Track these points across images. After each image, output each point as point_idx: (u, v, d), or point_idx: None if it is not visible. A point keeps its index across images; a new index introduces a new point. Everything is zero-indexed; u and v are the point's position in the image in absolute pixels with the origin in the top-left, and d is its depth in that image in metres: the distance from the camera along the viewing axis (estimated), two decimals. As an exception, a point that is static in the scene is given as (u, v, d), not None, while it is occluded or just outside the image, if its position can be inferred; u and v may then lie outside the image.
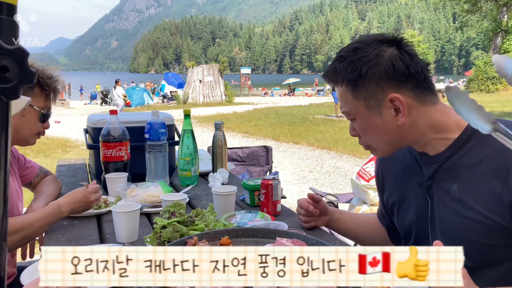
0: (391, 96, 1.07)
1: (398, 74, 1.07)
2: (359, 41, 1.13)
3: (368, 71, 1.07)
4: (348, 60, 1.10)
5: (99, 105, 23.03)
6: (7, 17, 0.41)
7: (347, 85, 1.11)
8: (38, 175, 1.87)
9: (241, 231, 1.09)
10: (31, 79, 0.42)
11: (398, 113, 1.09)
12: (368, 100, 1.10)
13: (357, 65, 1.08)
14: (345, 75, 1.10)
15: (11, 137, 0.43)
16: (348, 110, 1.15)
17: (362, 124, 1.15)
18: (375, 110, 1.10)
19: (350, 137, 6.49)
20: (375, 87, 1.08)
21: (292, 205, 4.97)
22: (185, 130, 2.03)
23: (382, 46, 1.09)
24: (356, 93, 1.10)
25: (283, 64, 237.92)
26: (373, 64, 1.07)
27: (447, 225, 1.13)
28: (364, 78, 1.08)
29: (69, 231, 1.48)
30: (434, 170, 1.14)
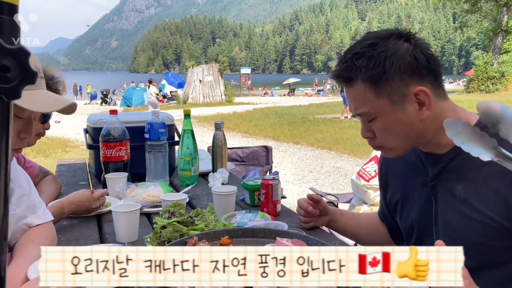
0: (417, 89, 1.05)
1: (420, 67, 1.05)
2: (373, 36, 1.08)
3: (393, 65, 1.03)
4: (367, 56, 1.05)
5: (99, 105, 23.03)
6: (8, 17, 0.41)
7: (369, 83, 1.06)
8: (38, 175, 1.87)
9: (241, 231, 1.09)
10: (32, 79, 0.42)
11: (421, 107, 1.06)
12: (393, 96, 1.06)
13: (379, 60, 1.04)
14: (366, 71, 1.05)
15: (12, 138, 0.43)
16: (369, 110, 1.09)
17: (384, 122, 1.09)
18: (399, 106, 1.07)
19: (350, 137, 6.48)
20: (399, 82, 1.05)
21: (292, 205, 4.97)
22: (185, 130, 2.04)
23: (399, 40, 1.06)
24: (379, 90, 1.06)
25: (283, 64, 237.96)
26: (396, 58, 1.04)
27: (451, 225, 1.12)
28: (388, 73, 1.04)
29: (69, 231, 1.48)
30: (439, 170, 1.13)
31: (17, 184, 1.20)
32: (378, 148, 1.17)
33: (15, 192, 1.19)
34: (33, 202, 1.23)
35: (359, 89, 1.08)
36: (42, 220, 1.22)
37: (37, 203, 1.24)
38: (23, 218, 1.19)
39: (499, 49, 26.81)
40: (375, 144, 1.16)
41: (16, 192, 1.19)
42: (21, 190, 1.20)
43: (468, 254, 0.97)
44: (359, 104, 1.10)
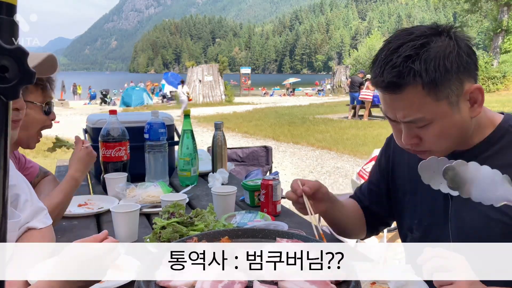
0: (474, 87, 1.01)
1: (471, 64, 1.02)
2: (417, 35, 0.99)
3: (452, 65, 0.98)
4: (424, 58, 0.97)
5: (99, 105, 23.02)
6: (7, 17, 0.41)
7: (429, 86, 0.98)
8: (38, 175, 1.87)
9: (241, 232, 1.09)
10: (31, 79, 0.42)
11: (473, 104, 1.03)
12: (451, 97, 1.00)
13: (437, 61, 0.97)
14: (427, 75, 0.96)
15: (10, 137, 0.43)
16: (424, 116, 1.01)
17: (440, 127, 1.02)
18: (455, 106, 1.01)
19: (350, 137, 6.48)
20: (457, 82, 1.00)
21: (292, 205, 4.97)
22: (185, 130, 2.03)
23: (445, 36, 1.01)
24: (439, 93, 0.99)
25: (283, 64, 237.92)
26: (455, 56, 0.98)
27: (467, 225, 1.11)
28: (449, 73, 0.98)
29: (69, 232, 1.48)
30: None
31: (21, 189, 1.20)
32: (422, 152, 1.10)
33: (20, 197, 1.19)
34: (35, 207, 1.23)
35: (415, 95, 0.99)
36: (43, 224, 1.23)
37: (39, 207, 1.25)
38: (26, 223, 1.19)
39: (499, 49, 26.80)
40: (420, 149, 1.09)
41: (22, 198, 1.19)
42: (24, 195, 1.20)
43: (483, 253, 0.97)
44: (412, 110, 1.01)
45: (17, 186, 1.19)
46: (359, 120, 14.04)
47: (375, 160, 1.47)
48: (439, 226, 1.19)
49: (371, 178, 1.45)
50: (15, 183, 1.19)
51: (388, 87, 1.01)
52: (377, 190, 1.41)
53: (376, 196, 1.42)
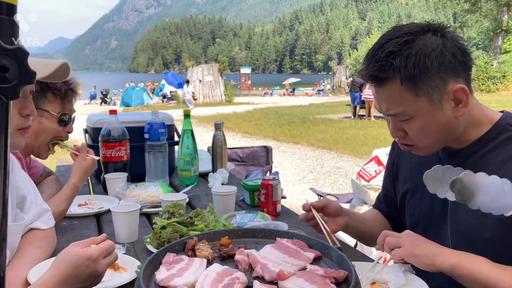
0: (456, 87, 1.02)
1: (457, 63, 1.03)
2: (405, 32, 1.03)
3: (433, 63, 1.00)
4: (405, 54, 1.00)
5: (99, 105, 23.02)
6: (7, 17, 0.41)
7: (408, 82, 1.01)
8: (41, 175, 1.87)
9: (241, 231, 1.09)
10: (31, 79, 0.42)
11: (458, 105, 1.04)
12: (431, 95, 1.02)
13: (418, 58, 1.00)
14: (406, 71, 1.00)
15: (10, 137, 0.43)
16: (405, 110, 1.04)
17: (421, 122, 1.05)
18: (437, 105, 1.03)
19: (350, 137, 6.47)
20: (438, 80, 1.01)
21: (292, 205, 4.97)
22: (185, 130, 2.03)
23: (433, 34, 1.03)
24: (418, 89, 1.02)
25: (283, 64, 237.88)
26: (436, 55, 1.00)
27: (463, 222, 1.12)
28: (429, 71, 1.00)
29: (69, 232, 1.48)
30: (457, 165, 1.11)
31: (27, 191, 1.20)
32: (408, 146, 1.13)
33: (27, 199, 1.19)
34: (40, 208, 1.24)
35: (395, 89, 1.03)
36: (47, 225, 1.23)
37: (43, 209, 1.25)
38: (30, 223, 1.19)
39: (499, 49, 26.79)
40: (406, 143, 1.12)
41: (28, 199, 1.19)
42: (30, 196, 1.20)
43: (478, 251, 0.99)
44: (394, 104, 1.05)
45: (23, 188, 1.20)
46: (359, 120, 14.06)
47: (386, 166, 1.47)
48: (438, 224, 1.19)
49: (384, 185, 1.46)
50: (22, 185, 1.19)
51: (371, 79, 1.07)
52: (390, 195, 1.43)
53: (391, 201, 1.42)
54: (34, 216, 1.20)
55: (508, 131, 1.07)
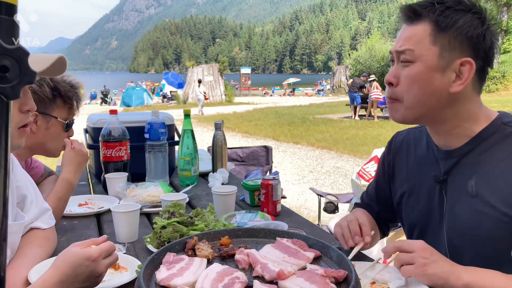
0: (466, 59, 1.04)
1: (482, 47, 1.05)
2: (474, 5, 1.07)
3: (464, 26, 1.03)
4: (448, 5, 1.05)
5: (99, 105, 23.02)
6: (7, 17, 0.41)
7: (434, 26, 1.05)
8: (43, 175, 1.88)
9: (241, 231, 1.09)
10: (31, 79, 0.42)
11: (457, 80, 1.06)
12: (444, 51, 1.05)
13: (456, 15, 1.04)
14: (439, 16, 1.04)
15: (10, 137, 0.43)
16: (414, 50, 1.07)
17: (418, 71, 1.07)
18: (443, 64, 1.05)
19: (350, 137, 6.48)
20: (458, 44, 1.04)
21: (292, 205, 4.97)
22: (185, 130, 2.03)
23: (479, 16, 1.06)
24: (438, 38, 1.05)
25: (283, 64, 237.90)
26: (470, 23, 1.04)
27: (460, 221, 1.11)
28: (456, 30, 1.04)
29: (69, 231, 1.48)
30: (452, 164, 1.12)
31: (27, 191, 1.20)
32: (392, 100, 1.14)
33: (27, 199, 1.19)
34: (40, 208, 1.23)
35: (420, 28, 1.06)
36: (47, 225, 1.23)
37: (43, 208, 1.25)
38: (31, 223, 1.19)
39: (499, 49, 26.82)
40: (393, 95, 1.13)
41: (28, 199, 1.19)
42: (30, 196, 1.20)
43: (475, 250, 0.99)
44: (410, 42, 1.07)
45: (24, 187, 1.20)
46: (359, 119, 14.08)
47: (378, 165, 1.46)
48: (435, 225, 1.19)
49: (377, 184, 1.45)
50: (22, 184, 1.19)
51: (407, 9, 1.10)
52: (384, 195, 1.42)
53: (385, 201, 1.42)
54: (35, 216, 1.20)
55: (503, 130, 1.08)
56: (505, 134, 1.06)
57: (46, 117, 1.59)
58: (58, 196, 1.47)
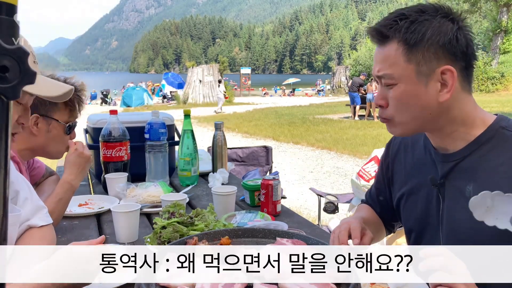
0: (446, 67, 1.03)
1: (457, 49, 1.04)
2: (423, 6, 1.06)
3: (433, 36, 1.02)
4: (412, 19, 1.04)
5: (99, 105, 23.02)
6: (7, 17, 0.41)
7: (404, 45, 1.04)
8: (44, 175, 1.88)
9: (241, 231, 1.09)
10: (32, 79, 0.42)
11: (443, 89, 1.05)
12: (421, 66, 1.04)
13: (421, 26, 1.03)
14: (406, 33, 1.03)
15: (11, 137, 0.43)
16: (392, 73, 1.06)
17: (402, 91, 1.07)
18: (423, 78, 1.04)
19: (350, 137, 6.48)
20: (432, 55, 1.03)
21: (292, 205, 4.97)
22: (185, 130, 2.04)
23: (447, 18, 1.05)
24: (410, 55, 1.04)
25: (283, 64, 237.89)
26: (439, 30, 1.02)
27: (456, 225, 1.11)
28: (426, 42, 1.02)
29: (69, 231, 1.48)
30: (450, 168, 1.12)
31: (20, 187, 1.20)
32: (386, 120, 1.14)
33: (20, 194, 1.19)
34: (36, 205, 1.23)
35: (391, 49, 1.06)
36: (44, 222, 1.23)
37: (39, 205, 1.25)
38: (27, 220, 1.19)
39: (498, 49, 26.79)
40: (385, 115, 1.13)
41: (21, 195, 1.19)
42: (24, 193, 1.20)
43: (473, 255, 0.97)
44: (385, 65, 1.07)
45: (16, 183, 1.19)
46: (359, 120, 14.08)
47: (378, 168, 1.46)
48: (432, 228, 1.18)
49: (378, 186, 1.45)
50: (14, 181, 1.20)
51: (372, 32, 1.09)
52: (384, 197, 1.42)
53: (385, 203, 1.42)
54: (30, 212, 1.20)
55: (501, 135, 1.07)
56: (503, 139, 1.05)
57: (47, 120, 1.59)
58: (59, 198, 1.47)
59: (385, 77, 1.08)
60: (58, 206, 1.45)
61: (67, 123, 1.64)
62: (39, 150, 1.64)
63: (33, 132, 1.56)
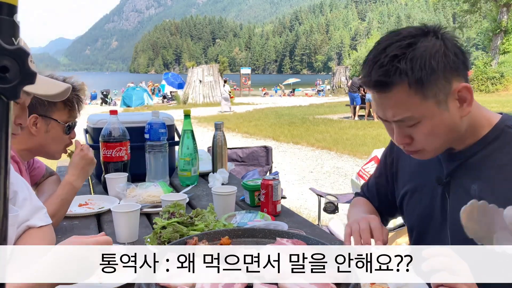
0: (461, 85, 1.01)
1: (459, 63, 1.02)
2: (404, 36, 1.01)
3: (438, 64, 0.99)
4: (410, 57, 0.98)
5: (99, 105, 23.02)
6: (7, 17, 0.41)
7: (416, 85, 0.99)
8: (44, 175, 1.88)
9: (241, 231, 1.09)
10: (32, 79, 0.42)
11: (462, 104, 1.03)
12: (438, 96, 1.01)
13: (425, 60, 0.98)
14: (413, 74, 0.97)
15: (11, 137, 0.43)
16: (413, 115, 1.02)
17: (429, 125, 1.03)
18: (444, 106, 1.02)
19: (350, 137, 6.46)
20: (444, 81, 1.00)
21: (292, 205, 4.97)
22: (185, 130, 2.04)
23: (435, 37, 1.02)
24: (425, 92, 0.99)
25: (283, 64, 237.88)
26: (441, 56, 0.99)
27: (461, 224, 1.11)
28: (436, 72, 0.99)
29: (69, 231, 1.48)
30: (456, 167, 1.12)
31: (19, 188, 1.20)
32: (414, 152, 1.11)
33: (18, 194, 1.19)
34: (34, 205, 1.23)
35: (402, 94, 1.00)
36: (43, 222, 1.22)
37: (37, 206, 1.25)
38: (26, 221, 1.19)
39: (498, 49, 26.78)
40: (412, 149, 1.09)
41: (20, 195, 1.19)
42: (23, 193, 1.20)
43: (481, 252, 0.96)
44: (401, 109, 1.02)
45: (15, 184, 1.20)
46: (359, 120, 14.09)
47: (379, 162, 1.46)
48: (437, 226, 1.18)
49: (379, 180, 1.44)
50: (13, 181, 1.20)
51: (376, 86, 1.02)
52: (385, 191, 1.41)
53: (385, 198, 1.42)
54: (29, 213, 1.20)
55: (507, 134, 1.07)
56: (509, 138, 1.05)
57: (45, 120, 1.59)
58: (60, 198, 1.47)
59: (406, 120, 1.04)
60: (59, 207, 1.46)
61: (66, 123, 1.64)
62: (38, 150, 1.64)
63: (32, 132, 1.56)
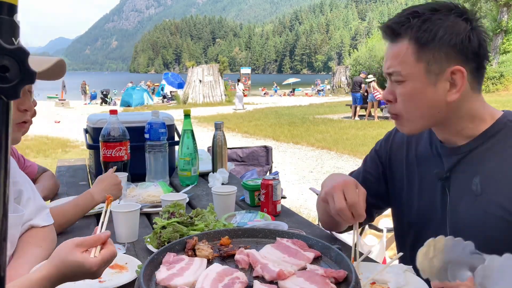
0: (456, 67, 1.02)
1: (469, 50, 1.03)
2: (437, 4, 1.05)
3: (444, 36, 1.01)
4: (424, 17, 1.03)
5: (99, 105, 23.02)
6: (8, 17, 0.41)
7: (415, 44, 1.03)
8: (38, 172, 1.90)
9: (241, 231, 1.09)
10: (32, 79, 0.42)
11: (452, 89, 1.05)
12: (431, 65, 1.03)
13: (433, 25, 1.02)
14: (418, 32, 1.03)
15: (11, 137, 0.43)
16: (401, 71, 1.06)
17: (411, 89, 1.06)
18: (432, 78, 1.04)
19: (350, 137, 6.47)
20: (443, 54, 1.02)
21: (292, 205, 4.97)
22: (185, 130, 2.04)
23: (461, 17, 1.04)
24: (421, 54, 1.03)
25: (283, 64, 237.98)
26: (451, 31, 1.01)
27: (461, 219, 1.10)
28: (438, 41, 1.02)
29: (69, 232, 1.48)
30: (456, 161, 1.11)
31: (24, 187, 1.21)
32: (394, 116, 1.14)
33: (23, 194, 1.19)
34: (38, 205, 1.24)
35: (402, 47, 1.05)
36: (46, 222, 1.23)
37: (41, 206, 1.25)
38: (29, 220, 1.19)
39: (499, 49, 26.78)
40: (393, 111, 1.13)
41: (25, 194, 1.19)
42: (27, 193, 1.21)
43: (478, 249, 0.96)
44: (395, 62, 1.07)
45: (20, 183, 1.20)
46: (359, 120, 14.08)
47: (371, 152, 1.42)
48: (437, 222, 1.18)
49: (367, 167, 1.39)
50: (19, 180, 1.20)
51: (386, 31, 1.09)
52: (373, 179, 1.36)
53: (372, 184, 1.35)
54: (33, 212, 1.20)
55: (508, 128, 1.07)
56: (511, 132, 1.06)
57: None
58: (76, 203, 1.48)
59: (394, 74, 1.08)
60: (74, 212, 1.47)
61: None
62: None
63: None
